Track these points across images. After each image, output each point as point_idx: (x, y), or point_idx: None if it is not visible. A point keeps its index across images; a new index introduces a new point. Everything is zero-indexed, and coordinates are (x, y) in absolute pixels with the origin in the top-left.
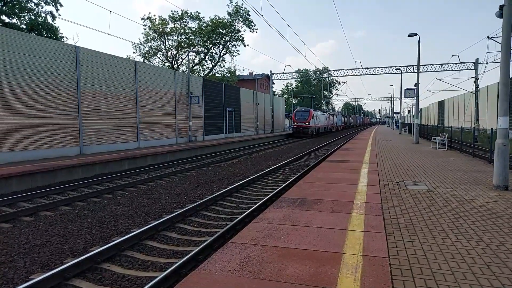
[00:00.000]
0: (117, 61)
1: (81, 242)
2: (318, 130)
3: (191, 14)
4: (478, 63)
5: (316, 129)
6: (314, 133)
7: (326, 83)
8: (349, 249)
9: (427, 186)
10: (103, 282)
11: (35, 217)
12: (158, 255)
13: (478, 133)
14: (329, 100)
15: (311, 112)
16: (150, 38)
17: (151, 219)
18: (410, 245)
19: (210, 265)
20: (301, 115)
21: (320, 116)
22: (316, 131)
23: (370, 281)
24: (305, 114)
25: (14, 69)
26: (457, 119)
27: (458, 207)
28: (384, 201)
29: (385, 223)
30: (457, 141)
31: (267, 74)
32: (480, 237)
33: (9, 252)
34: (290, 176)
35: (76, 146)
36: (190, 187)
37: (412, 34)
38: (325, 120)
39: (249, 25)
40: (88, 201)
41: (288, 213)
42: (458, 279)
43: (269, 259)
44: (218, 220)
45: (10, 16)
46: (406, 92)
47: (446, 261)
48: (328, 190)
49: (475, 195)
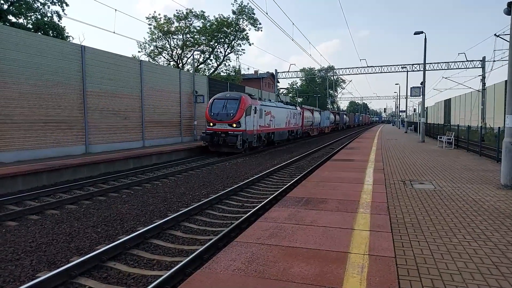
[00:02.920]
0: (123, 60)
1: (87, 240)
2: (271, 137)
3: (196, 13)
4: (485, 61)
5: (266, 135)
6: (259, 143)
7: (331, 82)
8: (355, 248)
9: (433, 185)
10: (108, 281)
11: (42, 216)
12: (164, 254)
13: (485, 131)
14: (334, 99)
15: (245, 102)
16: (155, 37)
17: (156, 218)
18: (417, 244)
19: (215, 264)
20: (223, 107)
21: (272, 110)
22: (262, 139)
23: (377, 281)
24: (232, 106)
25: (20, 69)
26: (464, 118)
27: (465, 207)
28: (390, 200)
29: (391, 223)
30: (463, 140)
31: (272, 73)
32: (488, 236)
33: (16, 250)
34: (295, 176)
35: (82, 145)
36: (195, 186)
37: (418, 32)
38: (289, 118)
39: (254, 23)
40: (94, 200)
41: (293, 212)
42: (465, 279)
43: (274, 258)
44: (223, 219)
45: (17, 16)
46: (412, 90)
47: (454, 261)
48: (334, 189)
49: (482, 194)
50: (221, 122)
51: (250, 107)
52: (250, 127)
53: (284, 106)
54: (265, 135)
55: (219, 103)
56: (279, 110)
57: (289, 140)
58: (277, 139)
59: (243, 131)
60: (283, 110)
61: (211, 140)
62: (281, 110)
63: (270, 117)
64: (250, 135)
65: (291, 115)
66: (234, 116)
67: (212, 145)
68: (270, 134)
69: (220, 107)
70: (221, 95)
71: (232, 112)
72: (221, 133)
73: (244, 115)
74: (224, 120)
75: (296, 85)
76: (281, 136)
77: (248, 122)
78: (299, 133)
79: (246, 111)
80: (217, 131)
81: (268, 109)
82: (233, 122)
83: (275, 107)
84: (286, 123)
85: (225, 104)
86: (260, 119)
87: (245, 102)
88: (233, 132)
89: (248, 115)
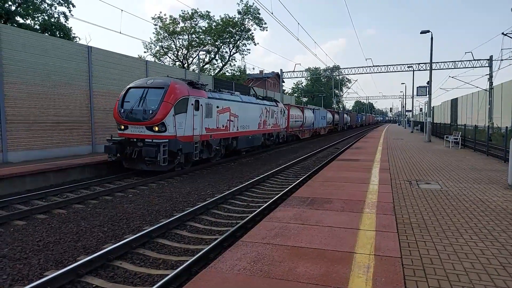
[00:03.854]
0: (129, 60)
1: (93, 239)
2: (233, 145)
3: (201, 14)
4: (493, 60)
5: (221, 142)
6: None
7: (336, 82)
8: (360, 248)
9: (440, 185)
10: (115, 280)
11: (49, 215)
12: (169, 253)
13: (492, 131)
14: (340, 98)
15: (175, 92)
16: (161, 37)
17: (162, 217)
18: (423, 245)
19: (221, 263)
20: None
21: (233, 106)
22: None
23: (382, 281)
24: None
25: (28, 69)
26: (471, 117)
27: (472, 207)
28: (396, 200)
29: (397, 223)
30: (470, 139)
31: (277, 73)
32: (495, 237)
33: (23, 249)
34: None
35: (89, 145)
36: (200, 186)
37: (424, 31)
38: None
39: (260, 23)
40: (100, 199)
41: (299, 212)
42: (472, 280)
43: (280, 258)
44: (229, 218)
45: (24, 17)
46: (418, 90)
47: (460, 262)
48: (339, 189)
49: (489, 194)
50: (136, 124)
51: (184, 101)
52: (186, 130)
53: (255, 101)
54: (220, 142)
55: (135, 94)
56: (246, 106)
57: (267, 146)
58: (243, 147)
59: (171, 138)
60: (253, 106)
61: (122, 152)
62: (251, 107)
63: (230, 116)
64: (186, 144)
65: (268, 114)
66: (155, 114)
67: (125, 159)
68: (231, 140)
69: (135, 100)
70: (141, 82)
71: (152, 108)
72: (136, 140)
73: (173, 113)
74: (140, 121)
75: (302, 84)
76: (251, 142)
77: (182, 123)
78: (282, 136)
79: (176, 107)
80: (130, 138)
81: (225, 104)
82: (153, 124)
83: (239, 102)
84: (260, 124)
85: (144, 96)
86: (209, 118)
87: (174, 93)
88: (153, 139)
89: (181, 113)
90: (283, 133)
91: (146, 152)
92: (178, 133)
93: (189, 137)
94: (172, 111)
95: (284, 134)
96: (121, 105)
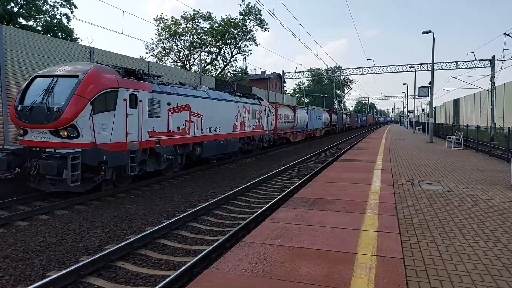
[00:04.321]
0: (131, 61)
1: (95, 240)
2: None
3: (203, 14)
4: (495, 60)
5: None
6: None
7: (338, 82)
8: (362, 249)
9: (442, 186)
10: (117, 280)
11: (51, 216)
12: (171, 254)
13: (495, 132)
14: (342, 99)
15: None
16: (162, 38)
17: (164, 218)
18: (425, 245)
19: (223, 264)
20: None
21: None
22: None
23: (384, 282)
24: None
25: (29, 70)
26: (473, 118)
27: (475, 207)
28: (398, 201)
29: (399, 223)
30: (473, 140)
31: (278, 74)
32: (497, 238)
33: (26, 250)
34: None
35: None
36: (202, 186)
37: (426, 31)
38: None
39: (261, 24)
40: (103, 200)
41: (300, 213)
42: (475, 281)
43: (282, 258)
44: (231, 219)
45: (27, 18)
46: (420, 90)
47: (463, 262)
48: (341, 190)
49: (492, 195)
50: (36, 127)
51: (110, 95)
52: (114, 136)
53: (229, 98)
54: (175, 149)
55: (41, 86)
56: (215, 104)
57: (248, 152)
58: (211, 154)
59: (87, 146)
60: (226, 104)
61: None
62: (222, 105)
63: (190, 116)
64: (115, 154)
65: (248, 114)
66: (61, 112)
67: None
68: (192, 146)
69: (39, 94)
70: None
71: (58, 105)
72: (40, 150)
73: (90, 111)
74: (41, 123)
75: (303, 85)
76: (223, 148)
77: (106, 125)
78: (267, 140)
79: (96, 103)
80: (32, 147)
81: (181, 100)
82: (59, 127)
83: (205, 99)
84: (236, 126)
85: (51, 87)
86: (154, 119)
87: (94, 83)
88: (55, 149)
89: (104, 111)
90: (269, 136)
91: (45, 168)
92: (99, 139)
93: (120, 145)
94: (88, 108)
95: (270, 137)
96: (20, 100)
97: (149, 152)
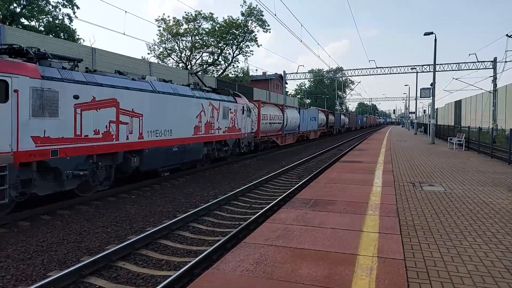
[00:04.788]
0: (132, 62)
1: (97, 240)
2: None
3: (204, 15)
4: (497, 62)
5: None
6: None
7: (339, 83)
8: (363, 250)
9: (443, 187)
10: (118, 280)
11: (53, 216)
12: (172, 254)
13: (497, 133)
14: (343, 100)
15: None
16: (164, 39)
17: (165, 218)
18: (427, 247)
19: (224, 264)
20: None
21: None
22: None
23: (386, 283)
24: None
25: None
26: (475, 119)
27: (476, 209)
28: (399, 202)
29: (400, 225)
30: (474, 141)
31: (280, 74)
32: (499, 239)
33: (27, 250)
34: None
35: None
36: (202, 187)
37: (428, 32)
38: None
39: (263, 25)
40: (104, 200)
41: (301, 214)
42: (476, 283)
43: (282, 259)
44: (231, 220)
45: (29, 18)
46: (422, 91)
47: (464, 264)
48: (342, 191)
49: (493, 196)
50: None
51: None
52: None
53: (188, 92)
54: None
55: None
56: (163, 99)
57: (216, 160)
58: (160, 166)
59: None
60: (182, 100)
61: None
62: (175, 101)
63: (120, 115)
64: None
65: (216, 113)
66: None
67: None
68: (123, 156)
69: None
70: None
71: None
72: None
73: None
74: None
75: (305, 86)
76: (179, 157)
77: None
78: (246, 144)
79: None
80: None
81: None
82: None
83: (146, 92)
84: (199, 128)
85: None
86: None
87: None
88: None
89: None
90: (249, 139)
91: None
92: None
93: None
94: None
95: (250, 140)
96: None
97: (36, 168)
